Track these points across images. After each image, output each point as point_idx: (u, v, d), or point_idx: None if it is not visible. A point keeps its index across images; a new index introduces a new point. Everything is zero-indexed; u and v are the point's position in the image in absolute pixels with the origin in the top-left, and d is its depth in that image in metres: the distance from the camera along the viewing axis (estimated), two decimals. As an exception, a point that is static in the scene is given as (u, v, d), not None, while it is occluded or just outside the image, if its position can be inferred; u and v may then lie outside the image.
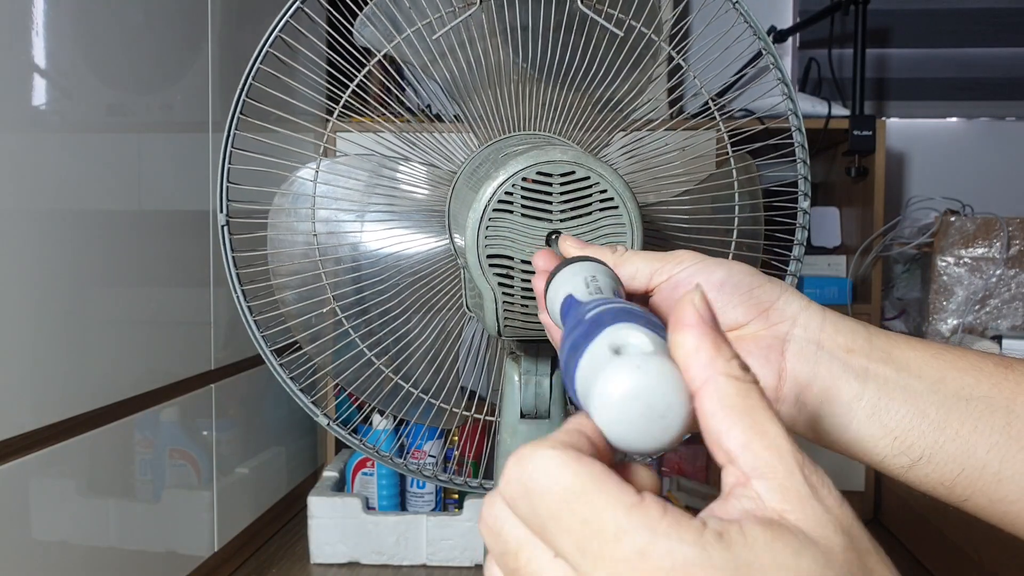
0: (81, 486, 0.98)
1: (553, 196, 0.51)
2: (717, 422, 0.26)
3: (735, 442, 0.26)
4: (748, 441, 0.26)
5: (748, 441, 0.26)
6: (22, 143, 0.88)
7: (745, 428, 0.26)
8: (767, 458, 0.25)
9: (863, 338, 0.43)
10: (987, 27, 2.12)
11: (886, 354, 0.43)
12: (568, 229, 0.51)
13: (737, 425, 0.26)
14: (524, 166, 0.51)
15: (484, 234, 0.51)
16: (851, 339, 0.43)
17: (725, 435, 0.26)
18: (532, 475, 0.25)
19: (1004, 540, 1.25)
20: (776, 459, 0.25)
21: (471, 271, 0.52)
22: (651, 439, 0.26)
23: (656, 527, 0.24)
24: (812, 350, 0.43)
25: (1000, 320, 1.53)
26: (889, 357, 0.43)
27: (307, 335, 0.76)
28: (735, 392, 0.26)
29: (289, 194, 0.76)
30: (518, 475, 0.26)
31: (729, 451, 0.26)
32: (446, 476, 0.79)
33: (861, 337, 0.44)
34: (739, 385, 0.27)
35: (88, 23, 0.99)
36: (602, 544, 0.24)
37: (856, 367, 0.43)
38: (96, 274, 1.00)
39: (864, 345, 0.43)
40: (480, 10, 0.68)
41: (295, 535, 1.57)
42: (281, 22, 0.68)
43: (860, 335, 0.44)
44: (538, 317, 0.52)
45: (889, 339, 0.44)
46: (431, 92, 0.77)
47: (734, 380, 0.27)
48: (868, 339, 0.43)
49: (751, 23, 0.70)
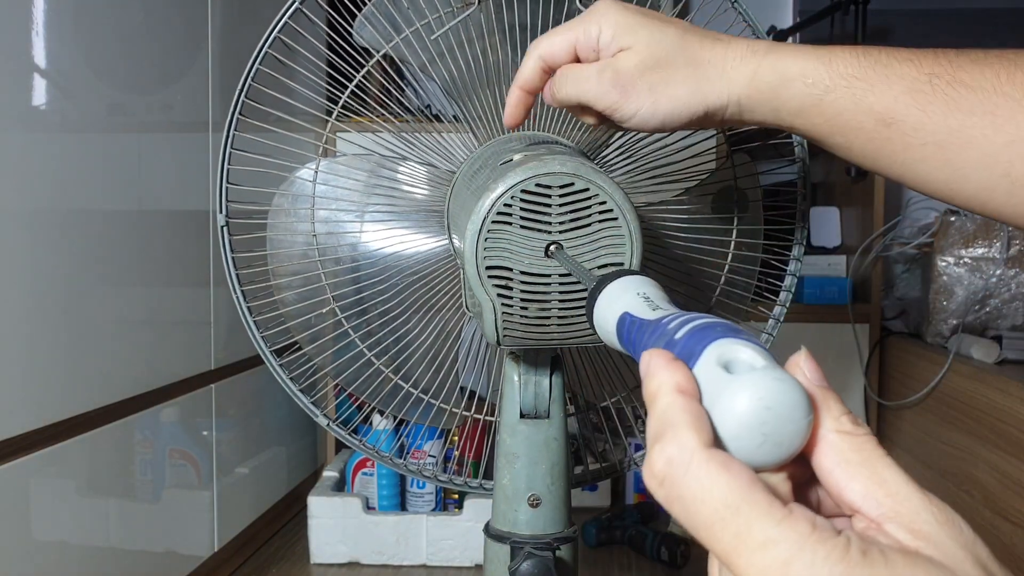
0: (81, 486, 0.98)
1: (552, 208, 0.51)
2: (836, 478, 0.27)
3: (856, 495, 0.27)
4: (869, 491, 0.27)
5: (869, 491, 0.27)
6: (22, 143, 0.88)
7: (864, 480, 0.27)
8: (890, 504, 0.26)
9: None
10: (987, 27, 2.12)
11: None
12: (567, 241, 0.51)
13: (856, 478, 0.27)
14: (523, 178, 0.51)
15: (483, 245, 0.51)
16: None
17: (846, 489, 0.27)
18: (687, 483, 0.26)
19: (1005, 542, 1.25)
20: (899, 504, 0.26)
21: (470, 282, 0.52)
22: (771, 454, 0.27)
23: (804, 542, 0.24)
24: None
25: (1000, 320, 1.53)
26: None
27: (307, 335, 0.76)
28: (849, 447, 0.28)
29: (288, 194, 0.76)
30: (668, 476, 0.27)
31: (851, 503, 0.27)
32: (446, 476, 0.79)
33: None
34: (852, 440, 0.28)
35: (88, 23, 0.99)
36: (751, 553, 0.25)
37: None
38: (96, 274, 1.00)
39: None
40: (479, 10, 0.68)
41: (295, 535, 1.58)
42: (280, 23, 0.68)
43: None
44: (538, 326, 0.52)
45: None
46: (430, 92, 0.77)
47: (847, 436, 0.28)
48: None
49: (750, 22, 0.70)
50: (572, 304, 0.52)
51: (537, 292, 0.52)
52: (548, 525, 0.64)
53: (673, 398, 0.28)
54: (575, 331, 0.53)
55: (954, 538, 0.26)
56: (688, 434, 0.27)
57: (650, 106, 0.51)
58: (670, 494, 0.27)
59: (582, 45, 0.53)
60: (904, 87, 0.47)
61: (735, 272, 0.74)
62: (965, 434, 1.41)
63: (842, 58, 0.48)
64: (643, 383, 0.30)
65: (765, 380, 0.27)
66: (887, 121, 0.47)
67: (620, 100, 0.51)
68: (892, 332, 1.77)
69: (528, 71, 0.55)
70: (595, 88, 0.52)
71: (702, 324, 0.31)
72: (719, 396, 0.28)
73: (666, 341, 0.32)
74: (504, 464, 0.64)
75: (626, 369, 0.75)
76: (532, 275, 0.51)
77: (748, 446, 0.27)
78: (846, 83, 0.48)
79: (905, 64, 0.47)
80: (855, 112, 0.48)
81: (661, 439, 0.27)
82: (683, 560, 1.45)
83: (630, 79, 0.51)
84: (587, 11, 0.53)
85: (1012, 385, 1.26)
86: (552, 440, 0.64)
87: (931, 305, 1.58)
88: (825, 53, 0.49)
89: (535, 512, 0.64)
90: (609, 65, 0.51)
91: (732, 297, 0.75)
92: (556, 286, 0.52)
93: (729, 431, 0.27)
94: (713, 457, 0.26)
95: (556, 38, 0.54)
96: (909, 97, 0.47)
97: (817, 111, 0.49)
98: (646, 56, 0.50)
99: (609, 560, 1.51)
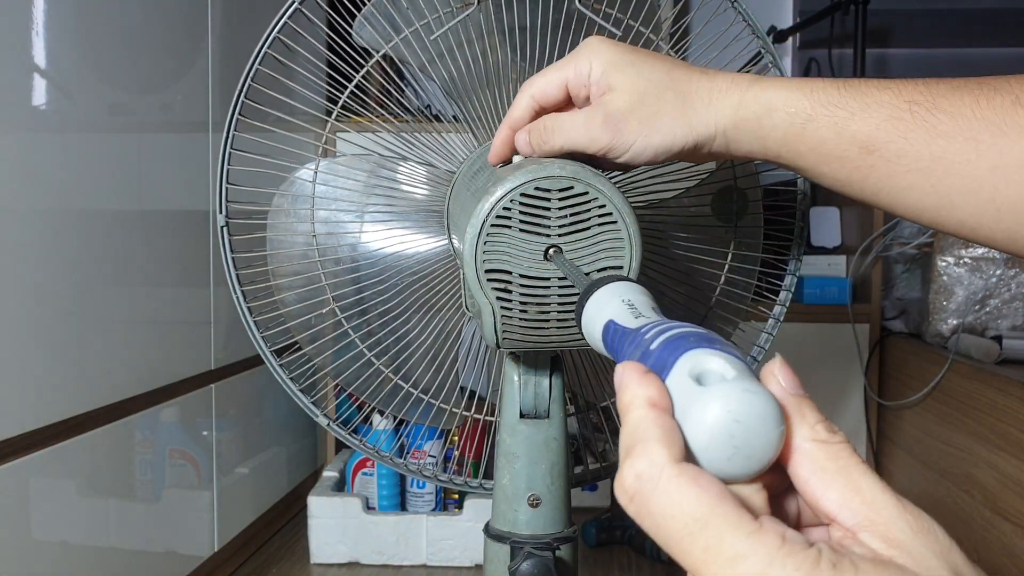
0: (81, 486, 0.98)
1: (551, 211, 0.51)
2: (812, 487, 0.27)
3: (832, 504, 0.27)
4: (845, 500, 0.27)
5: (845, 500, 0.27)
6: (22, 143, 0.88)
7: (839, 489, 0.27)
8: (866, 512, 0.26)
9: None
10: (987, 27, 2.12)
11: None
12: (566, 244, 0.51)
13: (831, 487, 0.27)
14: (522, 181, 0.51)
15: (482, 249, 0.51)
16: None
17: (822, 498, 0.27)
18: (657, 498, 0.26)
19: (1005, 542, 1.25)
20: (874, 513, 0.26)
21: (469, 284, 0.52)
22: (742, 466, 0.27)
23: (774, 555, 0.24)
24: None
25: (1000, 320, 1.53)
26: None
27: (307, 335, 0.76)
28: (824, 456, 0.27)
29: (288, 194, 0.76)
30: (638, 491, 0.27)
31: (828, 512, 0.27)
32: (446, 476, 0.79)
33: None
34: (828, 448, 0.28)
35: (88, 23, 0.99)
36: (721, 567, 0.25)
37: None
38: (96, 274, 1.00)
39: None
40: (478, 10, 0.68)
41: (295, 535, 1.58)
42: (279, 23, 0.68)
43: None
44: (537, 329, 0.52)
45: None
46: (430, 92, 0.77)
47: (822, 444, 0.28)
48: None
49: (750, 22, 0.70)
50: (571, 307, 0.52)
51: (536, 295, 0.52)
52: (548, 525, 0.64)
53: (645, 412, 0.28)
54: (574, 334, 0.53)
55: (928, 546, 0.25)
56: (658, 449, 0.27)
57: (643, 140, 0.52)
58: (640, 509, 0.27)
59: (573, 82, 0.54)
60: (885, 114, 0.47)
61: (735, 272, 0.74)
62: (965, 434, 1.41)
63: (823, 88, 0.49)
64: (617, 396, 0.30)
65: (735, 392, 0.27)
66: (870, 148, 0.48)
67: (613, 139, 0.52)
68: (892, 332, 1.77)
69: (519, 111, 0.56)
70: (584, 134, 0.53)
71: (676, 334, 0.31)
72: (690, 409, 0.28)
73: (642, 352, 0.32)
74: (504, 464, 0.64)
75: (626, 369, 0.75)
76: (531, 278, 0.51)
77: (718, 458, 0.27)
78: (828, 112, 0.49)
79: (885, 92, 0.48)
80: (838, 141, 0.49)
81: (631, 454, 0.27)
82: (683, 560, 1.45)
83: (621, 116, 0.52)
84: (577, 49, 0.54)
85: (1012, 385, 1.26)
86: (552, 440, 0.64)
87: (931, 305, 1.58)
88: (807, 84, 0.50)
89: (535, 512, 0.64)
90: (598, 109, 0.52)
91: (732, 297, 0.75)
92: (555, 289, 0.52)
93: (699, 444, 0.27)
94: (683, 472, 0.26)
95: (548, 76, 0.55)
96: (890, 124, 0.47)
97: (800, 140, 0.50)
98: (633, 93, 0.51)
99: (609, 560, 1.51)
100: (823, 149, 0.49)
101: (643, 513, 0.27)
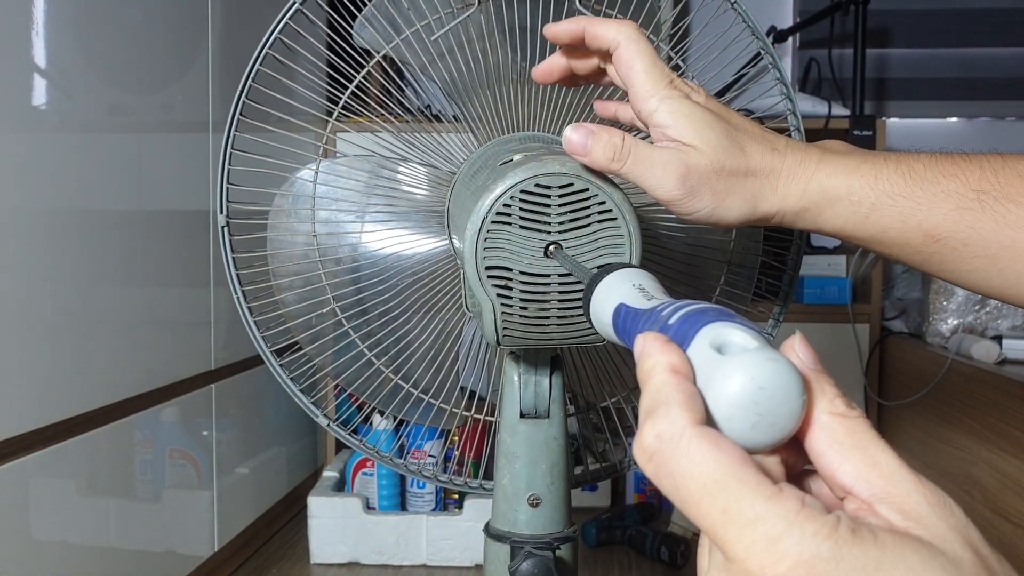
0: (81, 486, 0.98)
1: (551, 208, 0.51)
2: (828, 460, 0.28)
3: (849, 476, 0.27)
4: (861, 473, 0.27)
5: (861, 473, 0.27)
6: (22, 143, 0.88)
7: (856, 462, 0.27)
8: (882, 485, 0.26)
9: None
10: (987, 27, 2.12)
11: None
12: (567, 241, 0.51)
13: (848, 460, 0.27)
14: (522, 178, 0.51)
15: (482, 245, 0.51)
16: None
17: (839, 471, 0.27)
18: (677, 459, 0.26)
19: (1005, 542, 1.25)
20: (891, 485, 0.26)
21: (469, 282, 0.52)
22: (765, 434, 0.27)
23: (792, 519, 0.25)
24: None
25: (1000, 320, 1.53)
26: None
27: (307, 335, 0.76)
28: (842, 430, 0.28)
29: (289, 195, 0.76)
30: (658, 450, 0.27)
31: (844, 485, 0.27)
32: (446, 476, 0.79)
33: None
34: (845, 422, 0.28)
35: (88, 23, 0.99)
36: (739, 529, 0.25)
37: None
38: (96, 274, 1.00)
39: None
40: (479, 11, 0.68)
41: (295, 535, 1.58)
42: (280, 24, 0.68)
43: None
44: (538, 326, 0.53)
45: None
46: (430, 93, 0.77)
47: (840, 418, 0.28)
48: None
49: (750, 23, 0.70)
50: (571, 304, 0.52)
51: (537, 292, 0.52)
52: (548, 525, 0.64)
53: (666, 377, 0.28)
54: (574, 331, 0.53)
55: (944, 519, 0.26)
56: (680, 411, 0.27)
57: (710, 211, 0.51)
58: (659, 469, 0.27)
59: (626, 76, 0.51)
60: (952, 205, 0.48)
61: (735, 272, 0.74)
62: (965, 434, 1.41)
63: (888, 177, 0.49)
64: (637, 364, 0.30)
65: (758, 360, 0.27)
66: (935, 237, 0.48)
67: (683, 199, 0.50)
68: (892, 332, 1.78)
69: (565, 24, 0.53)
70: (658, 179, 0.50)
71: (695, 309, 0.31)
72: (712, 377, 0.28)
73: (660, 327, 0.32)
74: (504, 464, 0.64)
75: (626, 369, 0.75)
76: (532, 275, 0.51)
77: (742, 427, 0.27)
78: (892, 201, 0.49)
79: (951, 180, 0.48)
80: (902, 229, 0.49)
81: (653, 415, 0.27)
82: (683, 560, 1.45)
83: (699, 182, 0.49)
84: None
85: (1012, 385, 1.26)
86: (552, 440, 0.64)
87: (931, 305, 1.58)
88: (871, 169, 0.50)
89: (535, 512, 0.64)
90: (680, 160, 0.49)
91: (732, 297, 0.76)
92: (555, 286, 0.52)
93: (722, 412, 0.27)
94: (704, 434, 0.26)
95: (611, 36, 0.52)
96: (957, 215, 0.48)
97: (863, 227, 0.50)
98: (715, 161, 0.49)
99: (609, 560, 1.51)
100: (886, 236, 0.50)
101: (662, 473, 0.27)
